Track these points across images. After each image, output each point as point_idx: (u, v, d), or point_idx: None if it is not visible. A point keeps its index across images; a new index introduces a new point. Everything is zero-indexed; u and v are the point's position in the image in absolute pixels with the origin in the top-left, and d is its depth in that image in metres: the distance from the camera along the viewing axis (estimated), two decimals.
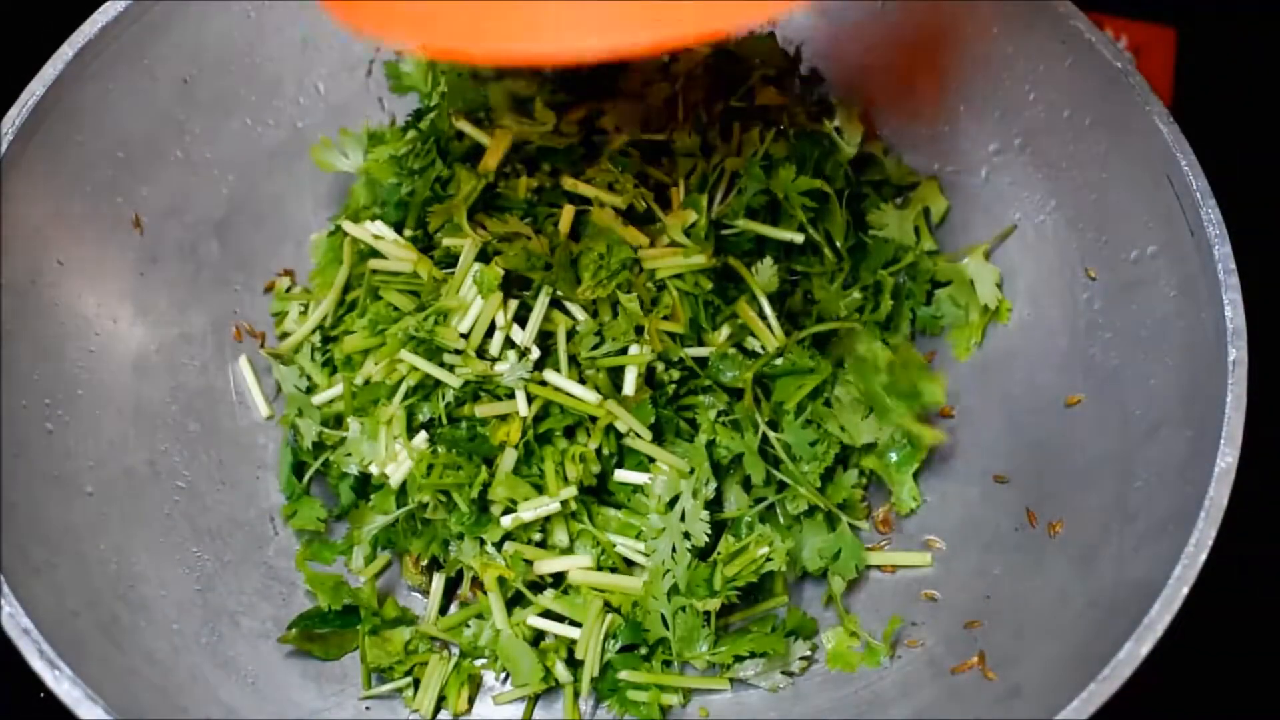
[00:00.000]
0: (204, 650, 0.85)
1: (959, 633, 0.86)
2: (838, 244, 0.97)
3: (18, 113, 0.86)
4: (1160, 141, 0.86)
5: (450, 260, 0.92)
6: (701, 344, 0.92)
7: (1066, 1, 0.91)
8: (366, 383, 0.91)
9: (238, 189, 1.02)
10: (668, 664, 0.87)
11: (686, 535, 0.86)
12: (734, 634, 0.89)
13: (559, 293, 0.90)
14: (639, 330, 0.89)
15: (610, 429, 0.88)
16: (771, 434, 0.89)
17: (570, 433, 0.89)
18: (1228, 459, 0.76)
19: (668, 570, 0.86)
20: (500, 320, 0.88)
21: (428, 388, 0.89)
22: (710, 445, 0.88)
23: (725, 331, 0.92)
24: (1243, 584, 0.99)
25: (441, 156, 0.96)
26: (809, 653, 0.89)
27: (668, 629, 0.86)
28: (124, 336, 0.94)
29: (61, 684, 0.72)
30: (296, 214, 1.05)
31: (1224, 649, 1.00)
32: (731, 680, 0.88)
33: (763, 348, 0.93)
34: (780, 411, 0.91)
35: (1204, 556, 0.74)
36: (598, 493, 0.90)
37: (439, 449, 0.87)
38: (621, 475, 0.89)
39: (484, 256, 0.90)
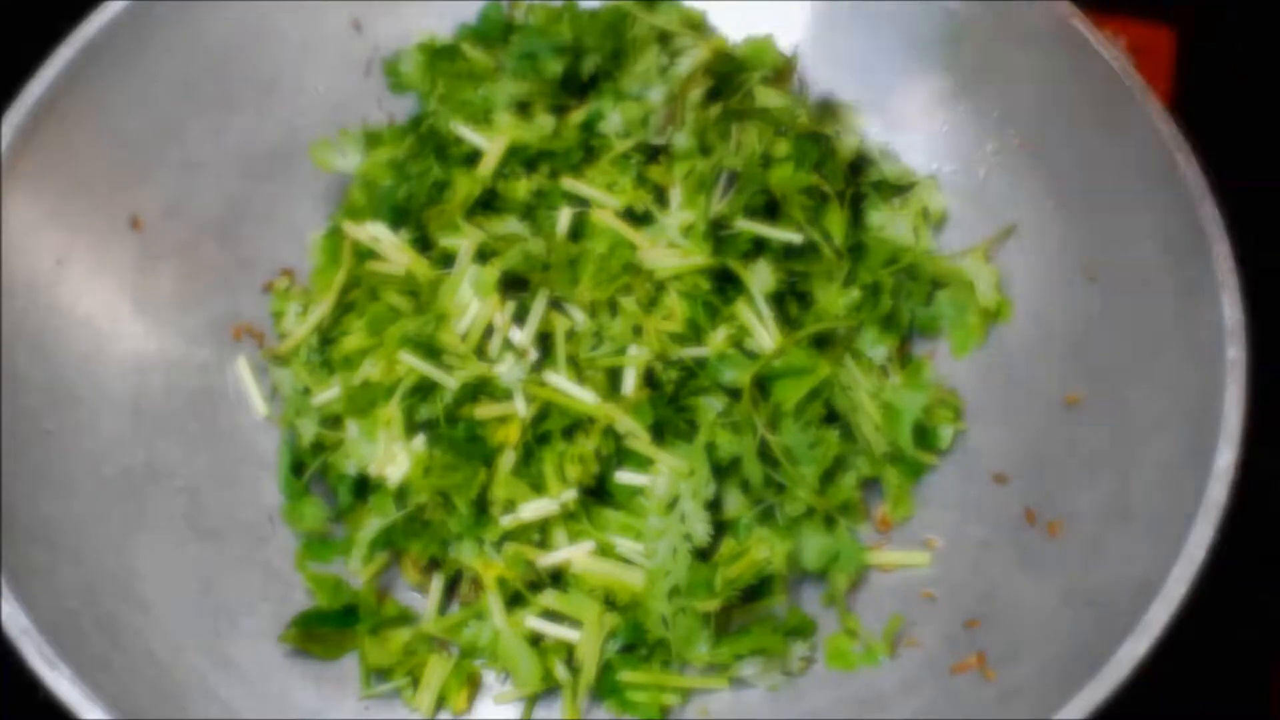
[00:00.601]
0: (204, 650, 0.85)
1: (958, 632, 0.86)
2: (836, 242, 0.97)
3: (17, 113, 0.86)
4: (1159, 141, 0.86)
5: (450, 260, 0.92)
6: (700, 344, 0.92)
7: (1066, 1, 0.92)
8: (365, 384, 0.91)
9: (237, 189, 1.02)
10: (666, 664, 0.87)
11: (687, 537, 0.86)
12: (733, 633, 0.89)
13: (557, 294, 0.90)
14: (637, 331, 0.89)
15: (609, 430, 0.88)
16: (770, 436, 0.89)
17: (569, 434, 0.89)
18: (1226, 458, 0.76)
19: (668, 571, 0.86)
20: (499, 321, 0.88)
21: (426, 388, 0.89)
22: (710, 447, 0.88)
23: (724, 332, 0.92)
24: (1242, 584, 0.99)
25: (440, 160, 0.96)
26: (808, 653, 0.89)
27: (667, 629, 0.86)
28: (123, 336, 0.94)
29: (61, 684, 0.72)
30: (296, 214, 1.05)
31: (1223, 649, 1.00)
32: (731, 680, 0.88)
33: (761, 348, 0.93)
34: (779, 413, 0.91)
35: (1202, 556, 0.74)
36: (597, 494, 0.90)
37: (437, 450, 0.87)
38: (621, 476, 0.89)
39: (482, 257, 0.90)
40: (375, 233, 0.94)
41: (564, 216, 0.92)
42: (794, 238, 0.94)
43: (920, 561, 0.92)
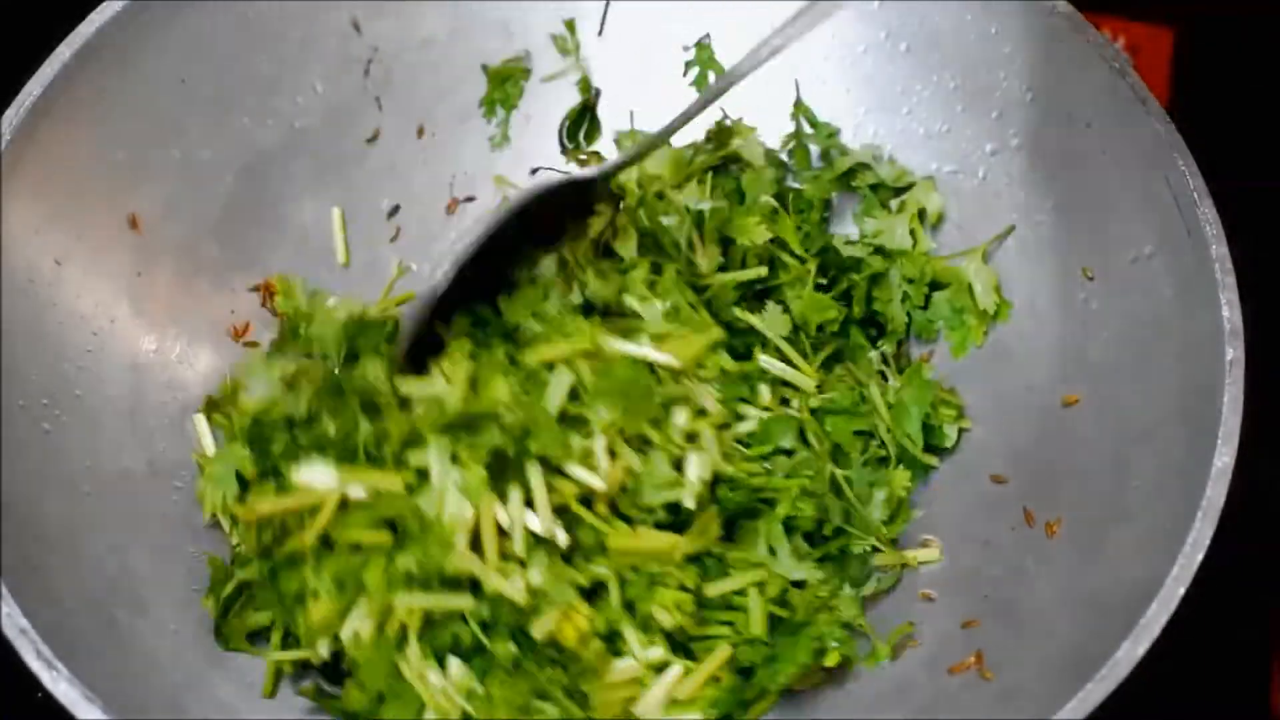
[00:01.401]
0: (203, 650, 0.85)
1: (956, 632, 0.86)
2: (791, 247, 0.97)
3: (15, 113, 0.86)
4: (1157, 141, 0.86)
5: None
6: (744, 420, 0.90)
7: (1065, 1, 0.92)
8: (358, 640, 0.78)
9: (236, 189, 1.02)
10: None
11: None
12: None
13: (553, 460, 0.78)
14: (678, 465, 0.82)
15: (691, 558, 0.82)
16: (839, 473, 0.89)
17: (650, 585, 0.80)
18: (1225, 459, 0.76)
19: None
20: (505, 519, 0.77)
21: (442, 621, 0.78)
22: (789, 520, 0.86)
23: (766, 392, 0.91)
24: (1240, 584, 0.99)
25: (366, 412, 0.82)
26: None
27: None
28: (122, 336, 0.94)
29: (59, 684, 0.72)
30: (295, 214, 1.05)
31: (1221, 649, 1.00)
32: None
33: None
34: (840, 453, 0.91)
35: (1200, 556, 0.74)
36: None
37: (486, 683, 0.76)
38: (714, 588, 0.84)
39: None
40: (311, 479, 0.79)
41: (560, 383, 0.80)
42: (759, 272, 0.94)
43: (919, 561, 0.92)
